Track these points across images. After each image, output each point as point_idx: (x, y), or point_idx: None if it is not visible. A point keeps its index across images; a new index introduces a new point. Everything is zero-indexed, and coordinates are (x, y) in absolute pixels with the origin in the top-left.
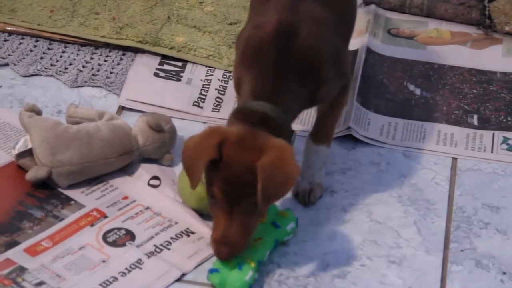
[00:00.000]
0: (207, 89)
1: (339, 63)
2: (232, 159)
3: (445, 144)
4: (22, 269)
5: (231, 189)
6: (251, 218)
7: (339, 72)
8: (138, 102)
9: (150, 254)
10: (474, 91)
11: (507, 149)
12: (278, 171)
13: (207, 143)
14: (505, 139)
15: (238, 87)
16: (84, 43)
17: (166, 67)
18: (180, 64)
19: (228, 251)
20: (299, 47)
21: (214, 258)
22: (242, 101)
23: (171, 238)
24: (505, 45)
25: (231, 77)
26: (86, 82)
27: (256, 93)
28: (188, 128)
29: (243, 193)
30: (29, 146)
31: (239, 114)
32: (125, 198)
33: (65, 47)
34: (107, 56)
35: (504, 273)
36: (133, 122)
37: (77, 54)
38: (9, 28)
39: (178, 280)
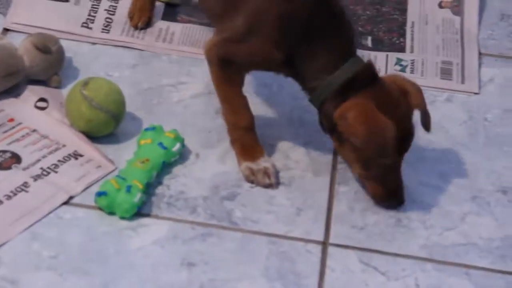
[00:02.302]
0: (96, 9)
1: None
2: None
3: None
4: None
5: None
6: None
7: None
8: (24, 25)
9: (36, 177)
10: (368, 12)
11: (400, 70)
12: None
13: (382, 122)
14: (399, 60)
15: (271, 67)
16: None
17: None
18: None
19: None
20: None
21: (102, 181)
22: (326, 74)
23: (59, 161)
24: None
25: None
26: None
27: (341, 53)
28: (76, 49)
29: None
30: None
31: (354, 84)
32: (11, 120)
33: None
34: None
35: None
36: (19, 43)
37: None
38: None
39: (66, 203)
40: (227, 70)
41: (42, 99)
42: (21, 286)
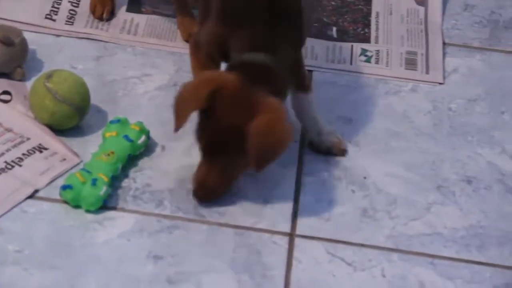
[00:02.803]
0: (59, 1)
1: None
2: (221, 114)
3: (305, 57)
4: None
5: (215, 142)
6: (232, 169)
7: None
8: None
9: (0, 171)
10: (333, 3)
11: (365, 61)
12: (272, 134)
13: (200, 92)
14: (364, 51)
15: (212, 49)
16: None
17: None
18: None
19: (206, 194)
20: None
21: (67, 175)
22: (234, 55)
23: (23, 154)
24: None
25: None
26: None
27: (251, 45)
28: (40, 41)
29: (227, 150)
30: None
31: (239, 66)
32: None
33: None
34: None
35: (355, 184)
36: None
37: None
38: None
39: (30, 197)
40: (198, 55)
41: (5, 92)
42: None
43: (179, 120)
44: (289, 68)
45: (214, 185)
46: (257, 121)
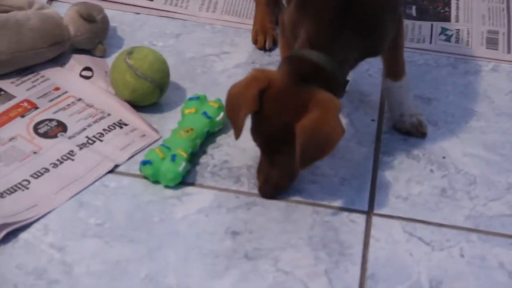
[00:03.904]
0: None
1: (396, 10)
2: (271, 114)
3: None
4: None
5: (270, 142)
6: (292, 165)
7: (396, 18)
8: None
9: (82, 146)
10: None
11: (445, 40)
12: (319, 134)
13: (249, 93)
14: (443, 30)
15: (290, 32)
16: None
17: None
18: None
19: (271, 190)
20: None
21: (147, 150)
22: (297, 47)
23: (104, 129)
24: None
25: None
26: None
27: (312, 41)
28: (121, 19)
29: (282, 148)
30: None
31: (290, 61)
32: (57, 89)
33: None
34: None
35: (433, 164)
36: (64, 12)
37: None
38: None
39: (111, 171)
40: (284, 34)
41: (87, 68)
42: (68, 253)
43: (236, 127)
44: (348, 71)
45: (278, 181)
46: (305, 119)
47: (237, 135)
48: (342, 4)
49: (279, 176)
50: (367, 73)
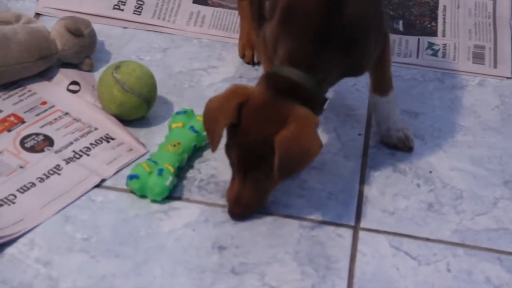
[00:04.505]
0: None
1: (382, 27)
2: (250, 127)
3: None
4: None
5: (246, 157)
6: (265, 183)
7: (382, 36)
8: (56, 9)
9: (69, 160)
10: None
11: (432, 55)
12: (297, 146)
13: (228, 106)
14: (430, 44)
15: (272, 49)
16: None
17: None
18: None
19: (241, 211)
20: (348, 13)
21: (133, 165)
22: (276, 64)
23: (91, 144)
24: None
25: None
26: None
27: (292, 58)
28: (108, 33)
29: (258, 163)
30: None
31: (268, 79)
32: (44, 103)
33: None
34: None
35: (420, 178)
36: (52, 26)
37: None
38: None
39: (98, 186)
40: (266, 50)
41: (74, 82)
42: (54, 268)
43: (214, 139)
44: (328, 89)
45: (249, 201)
46: (284, 131)
47: (214, 147)
48: (325, 23)
49: (251, 196)
50: (354, 87)
